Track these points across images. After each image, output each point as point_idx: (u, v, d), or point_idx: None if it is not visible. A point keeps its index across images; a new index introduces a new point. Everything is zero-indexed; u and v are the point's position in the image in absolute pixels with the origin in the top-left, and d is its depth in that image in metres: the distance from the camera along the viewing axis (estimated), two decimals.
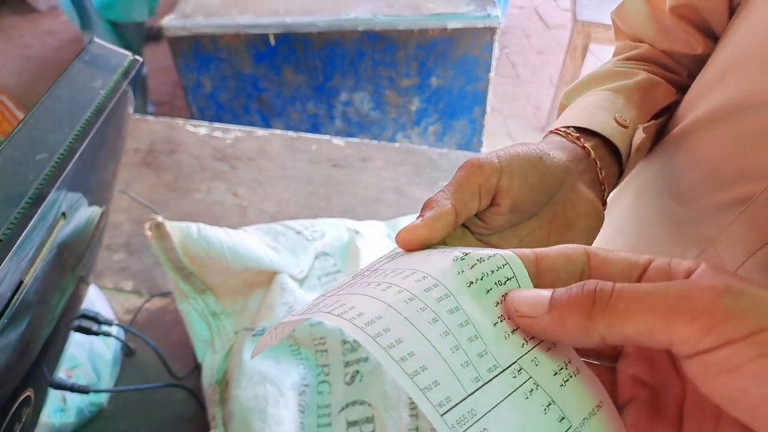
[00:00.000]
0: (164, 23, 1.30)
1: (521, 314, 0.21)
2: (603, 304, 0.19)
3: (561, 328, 0.20)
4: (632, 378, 0.22)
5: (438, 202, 0.28)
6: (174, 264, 0.63)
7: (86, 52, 0.42)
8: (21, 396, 0.37)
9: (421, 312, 0.20)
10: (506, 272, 0.22)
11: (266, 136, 0.96)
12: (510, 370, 0.20)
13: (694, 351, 0.17)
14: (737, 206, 0.35)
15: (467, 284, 0.22)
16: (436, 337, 0.20)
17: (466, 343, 0.20)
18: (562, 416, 0.20)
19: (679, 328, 0.17)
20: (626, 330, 0.18)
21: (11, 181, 0.33)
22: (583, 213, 0.34)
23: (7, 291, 0.31)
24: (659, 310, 0.17)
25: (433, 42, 1.33)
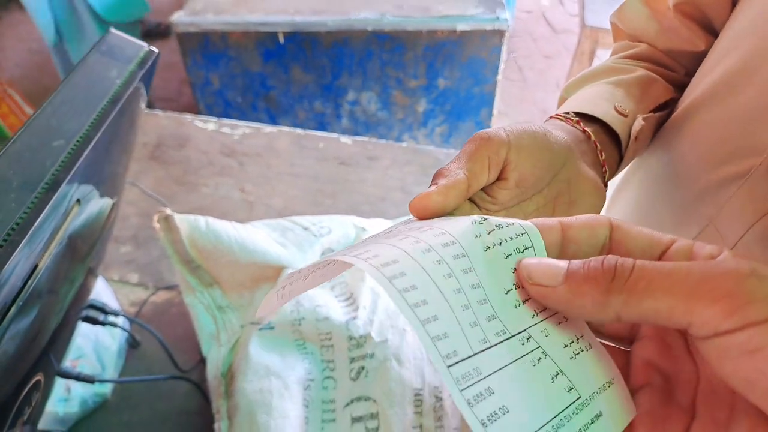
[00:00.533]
0: (174, 20, 1.30)
1: (534, 282, 0.20)
2: (623, 280, 0.18)
3: (576, 300, 0.19)
4: (646, 362, 0.22)
5: (450, 171, 0.28)
6: (181, 257, 0.63)
7: (103, 42, 0.43)
8: (32, 380, 0.37)
9: (437, 265, 0.20)
10: (524, 241, 0.22)
11: (274, 133, 0.96)
12: (518, 337, 0.20)
13: (714, 332, 0.17)
14: (735, 182, 0.36)
15: (484, 248, 0.21)
16: (449, 292, 0.19)
17: (476, 304, 0.20)
18: (570, 386, 0.20)
19: (701, 309, 0.17)
20: (644, 308, 0.18)
21: (29, 166, 0.34)
22: (587, 191, 0.35)
23: (23, 274, 0.31)
24: (681, 290, 0.17)
25: (441, 43, 1.33)
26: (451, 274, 0.20)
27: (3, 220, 0.31)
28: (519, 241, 0.22)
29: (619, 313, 0.18)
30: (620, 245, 0.22)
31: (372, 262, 0.19)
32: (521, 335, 0.20)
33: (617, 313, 0.18)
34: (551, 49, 2.94)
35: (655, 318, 0.18)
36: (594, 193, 0.35)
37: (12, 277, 0.29)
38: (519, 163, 0.31)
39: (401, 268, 0.19)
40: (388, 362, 0.57)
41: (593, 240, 0.22)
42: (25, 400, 0.37)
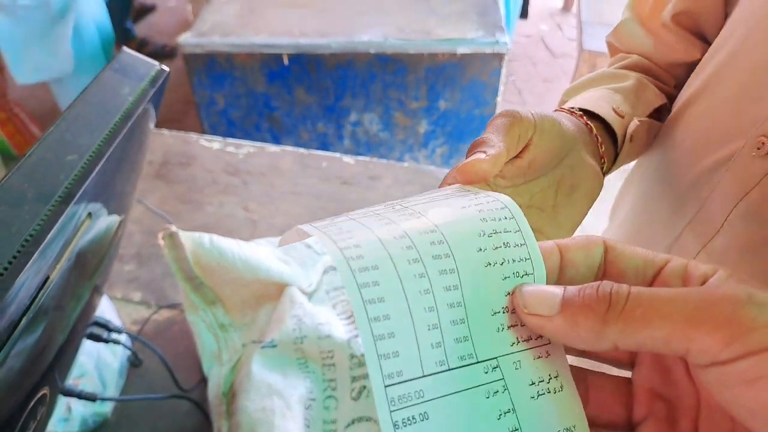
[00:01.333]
0: (181, 40, 1.32)
1: (530, 312, 0.20)
2: (618, 309, 0.18)
3: (572, 330, 0.19)
4: (648, 391, 0.21)
5: (493, 141, 0.29)
6: (185, 274, 0.63)
7: (116, 61, 0.44)
8: (37, 394, 0.37)
9: (418, 279, 0.19)
10: (527, 267, 0.21)
11: (278, 153, 0.97)
12: (484, 365, 0.19)
13: (713, 361, 0.17)
14: (724, 165, 0.38)
15: (484, 264, 0.20)
16: (419, 310, 0.19)
17: (448, 324, 0.19)
18: (516, 428, 0.19)
19: (699, 338, 0.16)
20: (642, 337, 0.17)
21: (43, 180, 0.34)
22: (588, 177, 0.37)
23: (36, 285, 0.31)
24: (678, 318, 0.17)
25: (442, 66, 1.35)
26: (430, 290, 0.19)
27: (18, 231, 0.31)
28: (521, 265, 0.21)
29: (616, 342, 0.18)
30: (614, 266, 0.21)
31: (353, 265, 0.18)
32: (488, 363, 0.19)
33: (614, 342, 0.18)
34: (550, 73, 2.98)
35: (653, 346, 0.18)
36: (594, 179, 0.37)
37: (25, 287, 0.30)
38: (538, 146, 0.33)
39: (377, 276, 0.18)
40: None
41: (589, 261, 0.22)
42: (30, 415, 0.37)
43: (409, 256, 0.19)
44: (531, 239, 0.22)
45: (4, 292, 0.29)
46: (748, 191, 0.36)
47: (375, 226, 0.20)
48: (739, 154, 0.37)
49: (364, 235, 0.19)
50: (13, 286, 0.29)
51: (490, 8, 1.46)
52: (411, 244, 0.20)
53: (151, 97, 0.44)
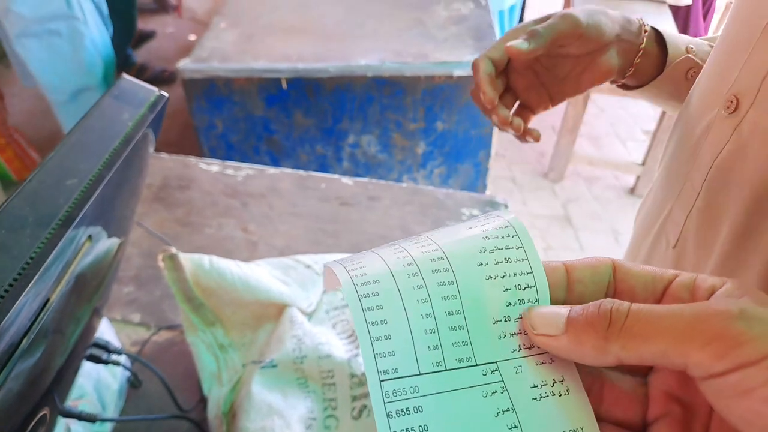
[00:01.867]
0: (180, 66, 1.34)
1: (538, 332, 0.21)
2: (618, 326, 0.19)
3: (577, 348, 0.20)
4: (664, 393, 0.22)
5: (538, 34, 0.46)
6: (185, 295, 0.64)
7: (116, 87, 0.45)
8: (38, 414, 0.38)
9: (416, 290, 0.21)
10: (528, 280, 0.22)
11: (277, 174, 0.98)
12: (482, 368, 0.21)
13: (708, 374, 0.17)
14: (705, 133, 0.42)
15: (485, 277, 0.22)
16: (416, 315, 0.20)
17: (446, 329, 0.20)
18: (515, 425, 0.20)
19: (693, 353, 0.17)
20: (641, 351, 0.18)
21: (43, 204, 0.35)
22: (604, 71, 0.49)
23: (36, 306, 0.32)
24: (673, 334, 0.18)
25: (439, 88, 1.37)
26: (427, 299, 0.21)
27: (18, 254, 0.32)
28: (523, 278, 0.22)
29: (619, 357, 0.19)
30: (623, 283, 0.22)
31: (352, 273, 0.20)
32: (487, 366, 0.21)
33: (617, 357, 0.19)
34: None
35: (653, 360, 0.18)
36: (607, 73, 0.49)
37: (26, 309, 0.30)
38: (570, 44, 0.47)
39: (377, 288, 0.20)
40: None
41: (597, 278, 0.23)
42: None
43: (410, 271, 0.21)
44: (533, 254, 0.23)
45: (4, 315, 0.29)
46: (720, 150, 0.38)
47: (385, 252, 0.22)
48: (715, 118, 0.39)
49: (371, 260, 0.22)
50: (14, 309, 0.29)
51: (485, 32, 1.48)
52: (412, 261, 0.21)
53: (150, 123, 0.45)
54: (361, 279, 0.20)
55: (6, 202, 0.34)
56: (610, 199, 2.31)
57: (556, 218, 2.21)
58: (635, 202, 2.29)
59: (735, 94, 0.37)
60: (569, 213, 2.24)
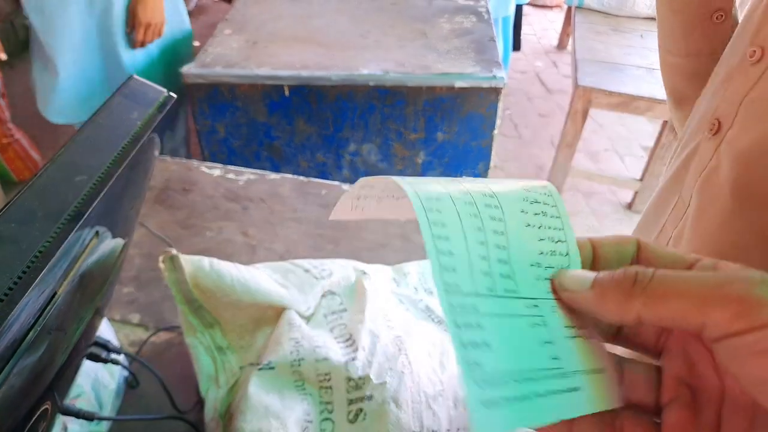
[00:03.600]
0: (184, 71, 1.35)
1: (565, 288, 0.23)
2: (643, 285, 0.20)
3: (601, 302, 0.21)
4: (676, 378, 0.23)
5: None
6: (184, 296, 0.64)
7: (125, 86, 0.45)
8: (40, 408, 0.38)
9: (472, 217, 0.22)
10: (560, 235, 0.24)
11: (278, 180, 0.99)
12: (525, 301, 0.22)
13: (725, 334, 0.18)
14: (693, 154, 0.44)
15: (525, 224, 0.24)
16: (473, 240, 0.21)
17: (496, 261, 0.22)
18: (556, 356, 0.21)
19: (713, 312, 0.18)
20: (662, 310, 0.20)
21: (53, 199, 0.35)
22: None
23: (43, 300, 0.32)
24: (695, 295, 0.19)
25: (440, 99, 1.38)
26: (482, 228, 0.22)
27: (27, 248, 0.32)
28: (555, 233, 0.24)
29: (640, 314, 0.20)
30: (647, 262, 0.24)
31: (420, 195, 0.21)
32: (530, 300, 0.22)
33: (638, 314, 0.20)
34: (546, 108, 3.03)
35: (672, 320, 0.20)
36: None
37: (34, 301, 0.31)
38: None
39: (440, 206, 0.21)
40: (386, 405, 0.57)
41: (621, 256, 0.24)
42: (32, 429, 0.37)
43: (466, 199, 0.23)
44: (565, 218, 0.25)
45: (12, 306, 0.30)
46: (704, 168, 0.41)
47: (440, 181, 0.24)
48: (701, 140, 0.42)
49: (433, 186, 0.23)
50: (22, 301, 0.30)
51: (487, 45, 1.50)
52: (468, 192, 0.23)
53: (158, 123, 0.46)
54: (425, 194, 0.21)
55: (16, 196, 0.34)
56: (607, 214, 2.32)
57: None
58: (632, 216, 2.31)
59: (717, 118, 0.41)
60: None
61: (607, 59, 2.19)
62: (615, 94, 1.95)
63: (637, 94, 1.93)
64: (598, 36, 2.42)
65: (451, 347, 0.66)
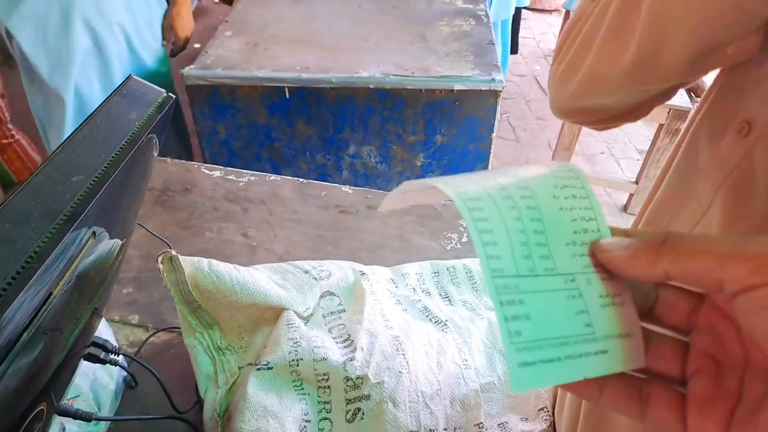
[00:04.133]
0: (184, 72, 1.36)
1: (602, 249, 0.25)
2: (671, 244, 0.22)
3: (633, 259, 0.23)
4: (701, 352, 0.25)
5: None
6: (183, 297, 0.64)
7: (124, 86, 0.46)
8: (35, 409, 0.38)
9: (510, 209, 0.25)
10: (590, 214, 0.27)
11: (278, 181, 0.99)
12: (564, 276, 0.25)
13: (741, 287, 0.20)
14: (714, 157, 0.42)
15: (558, 208, 0.26)
16: (513, 230, 0.24)
17: (534, 245, 0.25)
18: (588, 323, 0.25)
19: (731, 268, 0.20)
20: (687, 266, 0.21)
21: (49, 198, 0.35)
22: None
23: (38, 300, 0.32)
24: (716, 252, 0.21)
25: (439, 102, 1.38)
26: (520, 218, 0.25)
27: (23, 247, 0.32)
28: (585, 212, 0.27)
29: (667, 270, 0.22)
30: None
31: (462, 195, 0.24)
32: (567, 276, 0.25)
33: (665, 270, 0.22)
34: (543, 112, 3.03)
35: (696, 276, 0.21)
36: None
37: (29, 302, 0.31)
38: None
39: (480, 204, 0.24)
40: (383, 404, 0.57)
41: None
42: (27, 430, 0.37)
43: (503, 194, 0.25)
44: (592, 195, 0.27)
45: (6, 307, 0.29)
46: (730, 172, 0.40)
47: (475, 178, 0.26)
48: (724, 140, 0.41)
49: (471, 185, 0.25)
50: (16, 301, 0.30)
51: (486, 48, 1.50)
52: (504, 187, 0.26)
53: (156, 124, 0.46)
54: (465, 195, 0.24)
55: (12, 196, 0.34)
56: None
57: None
58: (628, 219, 2.31)
59: (747, 120, 0.39)
60: None
61: None
62: None
63: None
64: None
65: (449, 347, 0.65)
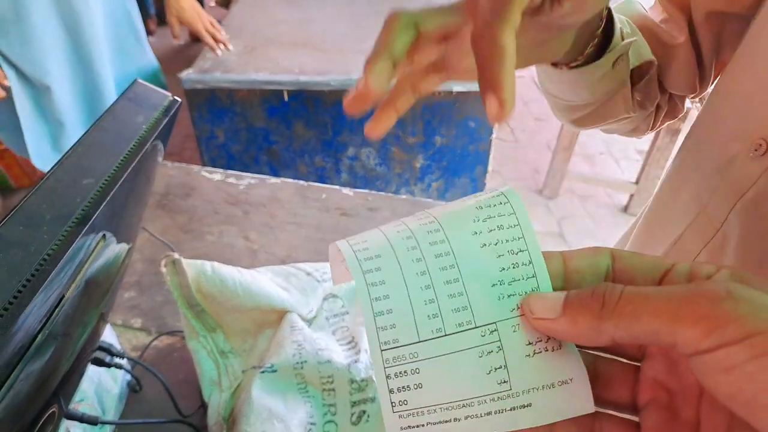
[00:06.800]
0: (183, 76, 1.36)
1: (537, 317, 0.22)
2: (611, 306, 0.20)
3: (573, 328, 0.21)
4: (653, 380, 0.23)
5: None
6: (187, 300, 0.64)
7: (130, 90, 0.46)
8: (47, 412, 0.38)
9: (415, 263, 0.22)
10: (520, 245, 0.24)
11: (278, 184, 0.99)
12: (481, 329, 0.22)
13: (695, 351, 0.18)
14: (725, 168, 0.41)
15: (480, 245, 0.23)
16: (416, 289, 0.22)
17: (445, 298, 0.22)
18: (505, 380, 0.22)
19: (683, 331, 0.18)
20: (634, 330, 0.19)
21: (60, 201, 0.36)
22: (555, 51, 0.39)
23: (51, 302, 0.32)
24: (664, 313, 0.19)
25: (438, 103, 1.39)
26: (426, 272, 0.22)
27: (36, 250, 0.32)
28: (515, 244, 0.24)
29: (613, 336, 0.20)
30: (623, 273, 0.23)
31: (356, 249, 0.22)
32: (486, 327, 0.22)
33: (611, 336, 0.20)
34: (542, 112, 3.04)
35: (645, 339, 0.19)
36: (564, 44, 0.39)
37: (43, 304, 0.31)
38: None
39: (380, 263, 0.22)
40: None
41: (595, 269, 0.23)
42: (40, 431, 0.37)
43: (409, 244, 0.23)
44: (525, 221, 0.24)
45: (22, 309, 0.30)
46: (744, 192, 0.38)
47: (387, 228, 0.24)
48: (739, 156, 0.39)
49: (374, 236, 0.23)
50: (32, 302, 0.30)
51: None
52: (411, 235, 0.23)
53: (163, 127, 0.46)
54: (364, 254, 0.22)
55: (24, 199, 0.35)
56: (603, 217, 2.33)
57: (551, 234, 2.23)
58: (628, 219, 2.31)
59: (764, 138, 0.38)
60: (563, 229, 2.26)
61: None
62: None
63: None
64: None
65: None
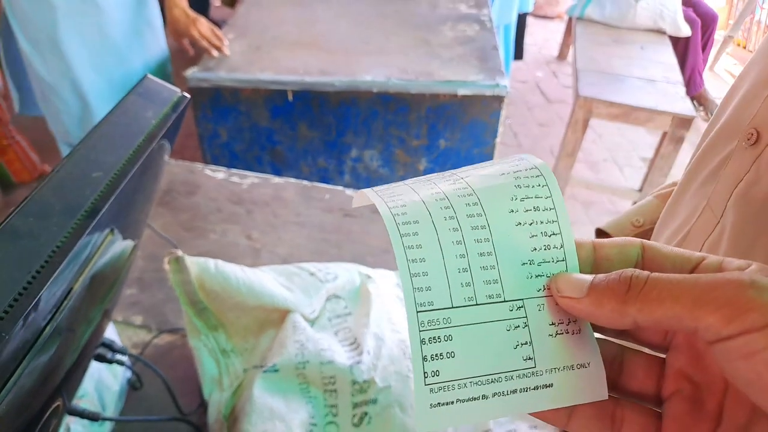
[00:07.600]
0: (187, 74, 1.36)
1: (563, 295, 0.23)
2: (637, 290, 0.20)
3: (597, 309, 0.21)
4: (678, 372, 0.23)
5: None
6: (189, 298, 0.64)
7: (140, 85, 0.46)
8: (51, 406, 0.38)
9: (452, 232, 0.23)
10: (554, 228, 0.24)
11: (281, 184, 0.99)
12: (509, 304, 0.23)
13: (717, 337, 0.19)
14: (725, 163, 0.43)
15: (515, 223, 0.24)
16: (451, 255, 0.22)
17: (478, 269, 0.23)
18: (529, 356, 0.23)
19: (705, 316, 0.19)
20: (657, 315, 0.20)
21: (70, 194, 0.35)
22: None
23: (60, 294, 0.32)
24: (688, 299, 0.19)
25: (443, 106, 1.39)
26: (461, 241, 0.23)
27: (46, 242, 0.32)
28: (548, 226, 0.24)
29: (636, 319, 0.20)
30: (653, 262, 0.23)
31: (397, 218, 0.22)
32: (514, 302, 0.23)
33: (634, 319, 0.20)
34: (545, 118, 3.05)
35: (668, 324, 0.20)
36: None
37: (53, 295, 0.31)
38: None
39: (418, 228, 0.22)
40: (391, 409, 0.57)
41: (625, 257, 0.24)
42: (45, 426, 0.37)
43: (446, 213, 0.23)
44: (560, 205, 0.24)
45: (32, 298, 0.30)
46: (740, 180, 0.40)
47: (421, 189, 0.24)
48: (735, 149, 0.41)
49: (410, 197, 0.23)
50: (42, 292, 0.30)
51: (490, 54, 1.51)
52: (449, 204, 0.23)
53: (172, 122, 0.46)
54: (402, 218, 0.22)
55: (35, 191, 0.34)
56: None
57: None
58: None
59: (756, 128, 0.39)
60: None
61: (608, 70, 2.20)
62: (615, 104, 1.96)
63: (637, 104, 1.94)
64: (598, 47, 2.44)
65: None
